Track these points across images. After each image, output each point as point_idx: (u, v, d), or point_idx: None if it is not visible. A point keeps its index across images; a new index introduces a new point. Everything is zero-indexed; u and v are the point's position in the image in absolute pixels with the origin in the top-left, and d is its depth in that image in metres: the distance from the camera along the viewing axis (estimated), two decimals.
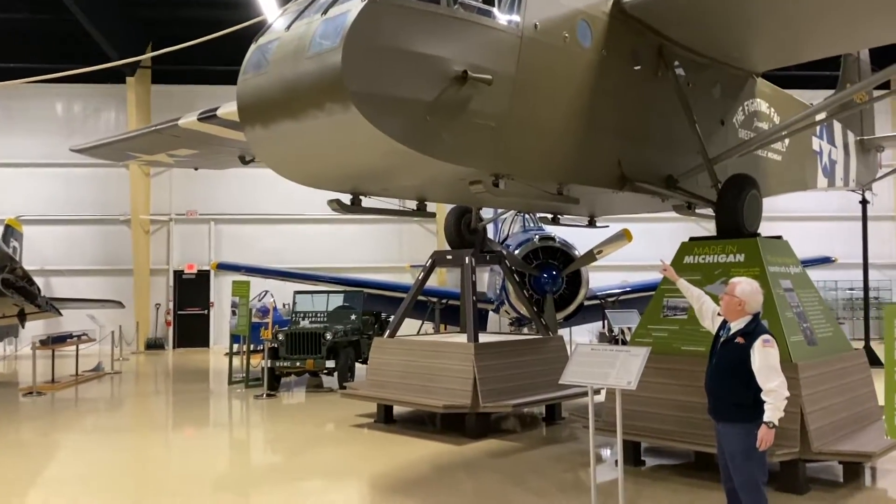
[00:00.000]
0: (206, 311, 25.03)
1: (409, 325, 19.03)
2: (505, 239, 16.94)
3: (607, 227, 12.40)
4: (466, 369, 9.61)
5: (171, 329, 25.02)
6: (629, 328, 15.92)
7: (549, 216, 11.24)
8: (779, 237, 8.58)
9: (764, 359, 4.90)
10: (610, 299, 17.47)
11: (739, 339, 5.06)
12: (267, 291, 21.31)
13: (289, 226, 25.34)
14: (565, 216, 11.23)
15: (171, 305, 25.10)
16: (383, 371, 10.68)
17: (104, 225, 24.95)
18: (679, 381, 7.75)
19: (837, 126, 14.54)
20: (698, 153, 9.13)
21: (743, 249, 8.07)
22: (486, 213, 13.01)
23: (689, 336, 7.97)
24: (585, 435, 7.58)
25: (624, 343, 16.17)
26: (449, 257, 10.89)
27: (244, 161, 14.98)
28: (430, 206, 9.31)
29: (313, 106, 6.30)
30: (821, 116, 11.61)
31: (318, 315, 15.44)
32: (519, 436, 10.01)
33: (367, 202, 8.63)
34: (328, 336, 14.07)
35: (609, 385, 6.24)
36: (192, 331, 25.15)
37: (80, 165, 24.08)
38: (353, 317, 15.41)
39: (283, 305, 21.36)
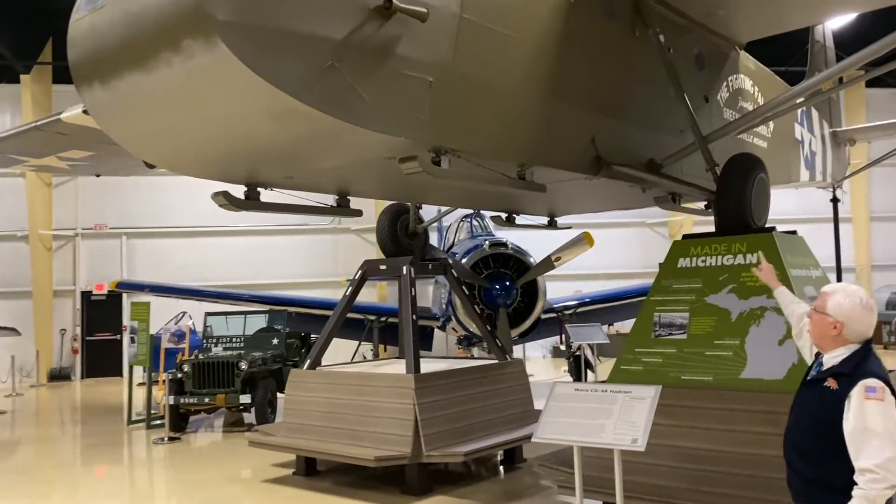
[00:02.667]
0: (118, 337, 22.34)
1: (345, 348, 17.04)
2: (451, 246, 15.02)
3: (570, 227, 10.59)
4: (405, 408, 7.60)
5: (78, 357, 22.30)
6: (592, 345, 14.13)
7: (503, 215, 9.36)
8: (793, 232, 6.83)
9: (862, 418, 3.04)
10: (567, 312, 15.65)
11: (830, 383, 3.16)
12: (185, 313, 18.82)
13: (210, 239, 22.90)
14: (522, 216, 9.38)
15: (78, 331, 22.39)
16: (302, 411, 8.59)
17: (1, 242, 22.11)
18: (681, 421, 5.90)
19: (815, 113, 13.10)
20: (683, 132, 7.40)
21: (755, 247, 6.24)
22: (428, 214, 11.00)
23: (690, 362, 6.14)
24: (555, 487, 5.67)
25: (587, 364, 14.39)
26: (383, 267, 8.88)
27: (150, 165, 12.73)
28: (360, 205, 7.36)
29: (168, 48, 4.30)
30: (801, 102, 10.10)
31: (234, 340, 13.22)
32: (473, 489, 8.01)
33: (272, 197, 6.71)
34: (243, 365, 11.86)
35: (606, 444, 4.34)
36: (102, 358, 22.42)
37: None
38: (275, 341, 13.23)
39: (208, 328, 19.05)
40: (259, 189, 6.51)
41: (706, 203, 8.70)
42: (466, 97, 5.18)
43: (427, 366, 8.49)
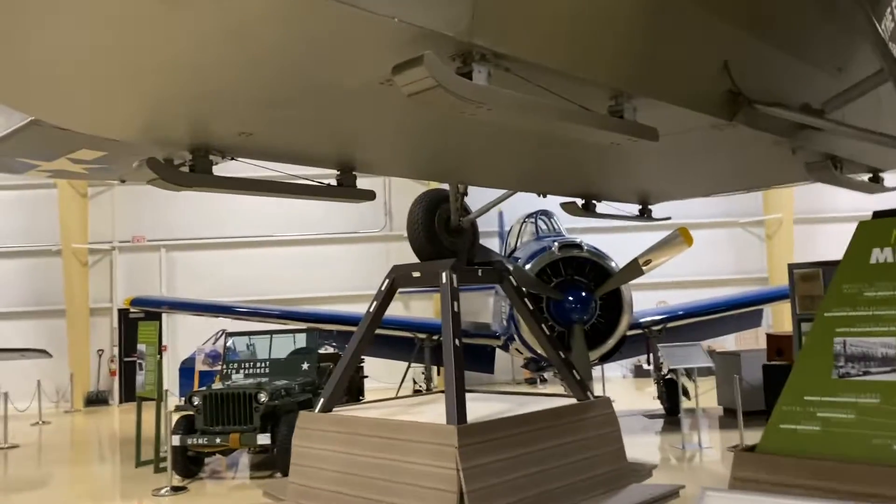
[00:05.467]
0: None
1: (394, 369, 14.83)
2: (512, 252, 12.69)
3: (668, 219, 8.13)
4: (446, 474, 5.28)
5: (116, 379, 20.73)
6: (689, 371, 11.51)
7: (578, 201, 6.96)
8: None
9: None
10: (655, 328, 13.07)
11: None
12: (223, 331, 17.07)
13: (255, 250, 21.17)
14: (605, 201, 6.98)
15: (115, 351, 20.84)
16: (312, 469, 6.35)
17: (33, 258, 20.74)
18: None
19: None
20: (842, 70, 4.92)
21: None
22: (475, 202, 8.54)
23: None
24: None
25: (685, 393, 11.77)
26: (416, 274, 6.58)
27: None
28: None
29: None
30: None
31: (258, 365, 11.15)
32: None
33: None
34: (262, 397, 9.71)
35: None
36: None
37: (7, 188, 20.24)
38: (305, 366, 11.09)
39: (248, 347, 17.19)
40: (211, 157, 4.36)
41: (871, 174, 6.14)
42: None
43: (479, 407, 6.16)
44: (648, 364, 14.46)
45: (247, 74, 3.18)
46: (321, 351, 13.28)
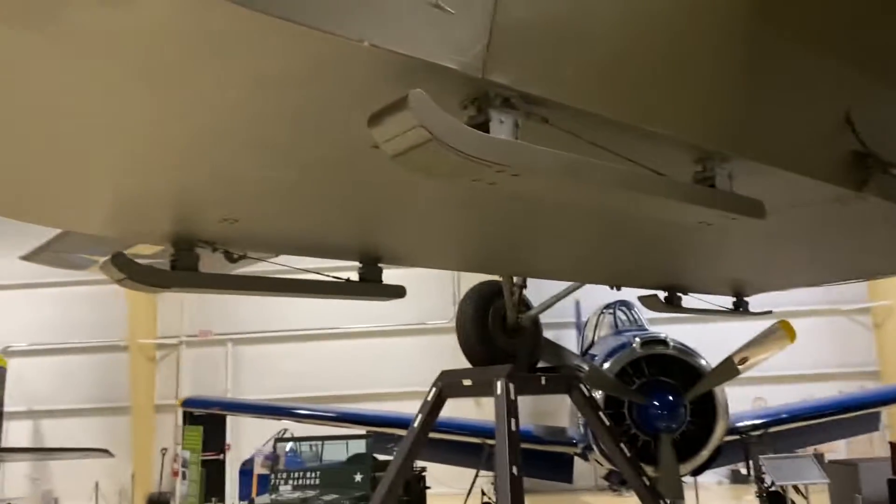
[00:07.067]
0: (220, 457, 19.97)
1: (463, 473, 13.59)
2: (589, 346, 11.54)
3: (769, 313, 6.94)
4: None
5: (179, 480, 20.02)
6: (800, 487, 9.92)
7: (661, 294, 5.88)
8: None
9: None
10: (755, 433, 11.50)
11: None
12: (286, 430, 16.27)
13: (320, 343, 20.60)
14: (692, 292, 5.88)
15: (179, 450, 20.23)
16: None
17: (100, 353, 20.62)
18: None
19: None
20: None
21: None
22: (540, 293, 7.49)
23: None
24: None
25: None
26: (467, 382, 5.58)
27: (231, 259, 10.36)
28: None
29: None
30: None
31: (308, 475, 10.18)
32: None
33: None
34: None
35: None
36: (208, 481, 20.09)
37: (79, 283, 20.36)
38: (357, 477, 10.05)
39: (311, 448, 16.29)
40: (197, 248, 3.59)
41: None
42: None
43: None
44: (748, 471, 12.78)
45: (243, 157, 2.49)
46: (383, 457, 12.25)
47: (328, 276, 4.00)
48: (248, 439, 19.46)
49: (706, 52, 2.49)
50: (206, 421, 20.44)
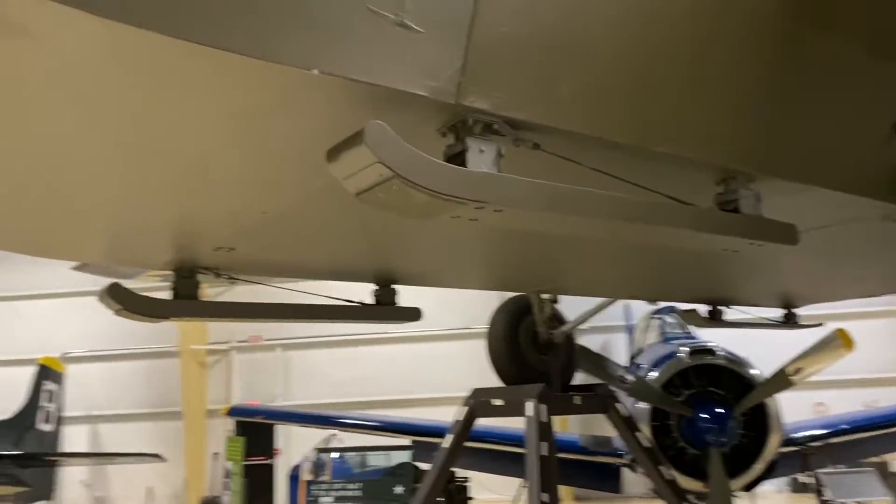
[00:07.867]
0: (269, 461, 20.12)
1: (510, 483, 13.32)
2: (636, 353, 11.18)
3: (820, 325, 6.56)
4: None
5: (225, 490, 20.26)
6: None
7: (702, 308, 5.56)
8: None
9: None
10: (814, 444, 10.98)
11: None
12: (334, 435, 16.26)
13: (367, 347, 20.53)
14: (736, 306, 5.55)
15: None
16: None
17: (153, 359, 21.00)
18: None
19: None
20: None
21: None
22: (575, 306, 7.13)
23: None
24: None
25: None
26: (498, 402, 5.37)
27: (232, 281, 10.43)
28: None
29: None
30: None
31: (349, 488, 10.09)
32: None
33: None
34: None
35: None
36: (256, 485, 20.25)
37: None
38: (398, 489, 9.92)
39: (339, 464, 16.27)
40: (198, 274, 3.46)
41: None
42: None
43: None
44: (808, 482, 12.25)
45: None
46: (428, 466, 12.09)
47: (339, 299, 3.85)
48: (301, 442, 19.59)
49: (726, 59, 2.24)
50: (254, 425, 20.72)
